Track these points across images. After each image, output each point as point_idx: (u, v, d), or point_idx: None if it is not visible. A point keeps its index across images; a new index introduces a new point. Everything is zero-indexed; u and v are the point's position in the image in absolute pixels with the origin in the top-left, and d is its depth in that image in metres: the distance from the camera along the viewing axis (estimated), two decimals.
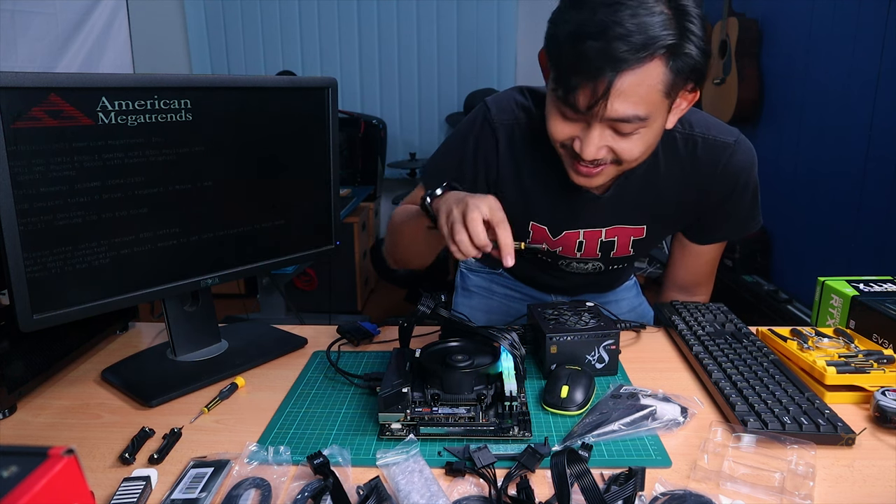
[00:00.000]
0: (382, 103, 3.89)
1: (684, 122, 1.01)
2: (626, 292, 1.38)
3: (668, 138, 1.00)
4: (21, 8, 1.99)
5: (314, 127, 1.04)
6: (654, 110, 0.84)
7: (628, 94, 0.81)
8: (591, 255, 1.14)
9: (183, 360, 0.99)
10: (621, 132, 0.86)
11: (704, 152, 1.02)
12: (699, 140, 1.01)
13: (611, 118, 0.84)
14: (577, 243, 1.12)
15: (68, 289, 0.82)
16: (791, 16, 2.63)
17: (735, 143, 1.02)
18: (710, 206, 1.07)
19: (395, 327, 1.00)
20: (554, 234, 1.11)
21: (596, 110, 0.83)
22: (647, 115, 0.84)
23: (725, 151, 1.02)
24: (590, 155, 0.88)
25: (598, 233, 1.10)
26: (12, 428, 0.84)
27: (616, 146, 0.88)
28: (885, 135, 2.08)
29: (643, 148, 0.89)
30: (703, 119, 1.03)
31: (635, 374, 0.96)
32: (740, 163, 1.03)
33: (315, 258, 1.13)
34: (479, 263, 1.39)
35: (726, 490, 0.68)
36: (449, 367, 0.83)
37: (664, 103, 0.85)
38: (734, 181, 1.04)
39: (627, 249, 1.13)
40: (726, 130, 1.03)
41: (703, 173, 1.03)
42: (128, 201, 0.85)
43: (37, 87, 0.74)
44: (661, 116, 0.88)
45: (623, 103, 0.82)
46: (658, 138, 0.92)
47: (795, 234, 2.65)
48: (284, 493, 0.69)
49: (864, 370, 0.87)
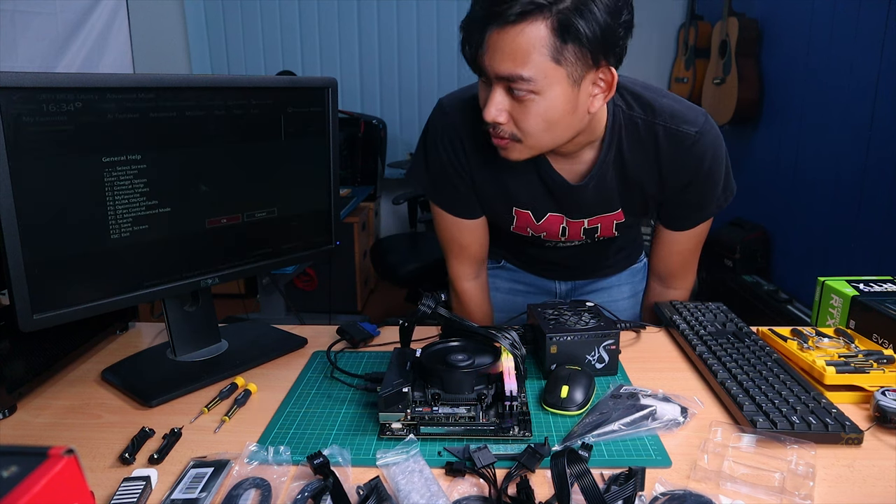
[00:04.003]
0: (382, 103, 3.89)
1: (647, 109, 1.00)
2: (632, 276, 1.37)
3: (629, 124, 1.00)
4: (21, 8, 1.99)
5: (314, 127, 1.04)
6: (540, 74, 0.85)
7: (505, 51, 0.84)
8: (575, 238, 1.16)
9: (183, 360, 0.99)
10: (515, 96, 0.88)
11: (666, 142, 1.01)
12: (660, 129, 1.00)
13: (497, 75, 0.87)
14: (561, 228, 1.13)
15: (68, 289, 0.82)
16: (791, 16, 2.63)
17: (697, 133, 1.00)
18: (674, 192, 1.07)
19: (395, 327, 1.00)
20: (538, 218, 1.12)
21: (480, 64, 0.88)
22: (531, 77, 0.85)
23: (686, 142, 1.00)
24: (489, 116, 0.91)
25: (580, 223, 1.12)
26: (12, 428, 0.84)
27: (514, 113, 0.90)
28: (885, 135, 2.08)
29: (540, 120, 0.90)
30: (667, 106, 1.00)
31: (635, 374, 0.96)
32: (703, 153, 1.02)
33: (315, 258, 1.13)
34: None
35: (726, 490, 0.68)
36: (449, 366, 0.83)
37: (556, 71, 0.85)
38: (697, 169, 1.03)
39: (611, 232, 1.15)
40: (690, 119, 1.01)
41: (665, 162, 1.02)
42: (128, 201, 0.85)
43: (37, 87, 0.74)
44: (557, 85, 0.87)
45: (501, 59, 0.85)
46: (567, 117, 0.91)
47: (795, 234, 2.65)
48: (284, 493, 0.69)
49: (863, 370, 0.87)
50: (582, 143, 1.01)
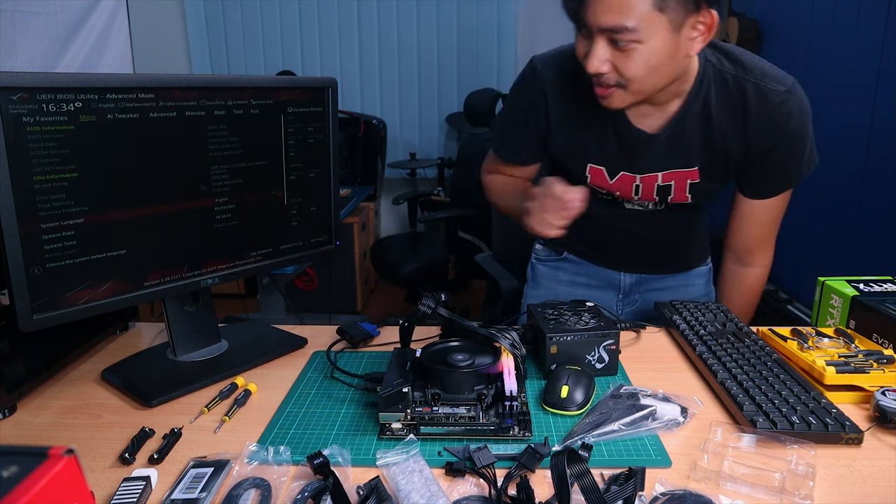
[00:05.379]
0: (382, 103, 3.89)
1: (737, 65, 1.02)
2: (698, 278, 1.34)
3: (718, 78, 1.02)
4: (21, 8, 1.99)
5: (314, 127, 1.04)
6: (643, 23, 0.87)
7: (610, 3, 0.88)
8: (648, 198, 1.15)
9: (183, 360, 0.99)
10: (618, 47, 0.91)
11: (755, 99, 1.01)
12: (750, 85, 1.01)
13: (599, 27, 0.90)
14: (634, 187, 1.13)
15: (68, 289, 0.82)
16: (791, 16, 2.63)
17: (786, 92, 1.01)
18: (759, 155, 1.06)
19: (395, 327, 1.00)
20: (611, 176, 1.13)
21: (584, 17, 0.91)
22: (634, 27, 0.88)
23: (775, 100, 1.01)
24: (592, 67, 0.93)
25: (654, 177, 1.11)
26: (12, 428, 0.84)
27: (616, 62, 0.93)
28: (885, 135, 2.08)
29: (643, 67, 0.92)
30: (758, 65, 1.03)
31: (635, 374, 0.96)
32: (790, 113, 1.02)
33: (315, 258, 1.13)
34: (545, 250, 1.39)
35: (726, 490, 0.68)
36: (449, 366, 0.83)
37: (658, 19, 0.88)
38: (783, 130, 1.03)
39: (685, 195, 1.13)
40: (780, 78, 1.02)
41: (752, 119, 1.03)
42: (128, 201, 0.85)
43: (37, 87, 0.74)
44: (659, 33, 0.89)
45: (606, 11, 0.88)
46: (668, 61, 0.93)
47: (795, 234, 2.65)
48: (284, 493, 0.69)
49: (863, 370, 0.87)
50: (672, 92, 1.02)
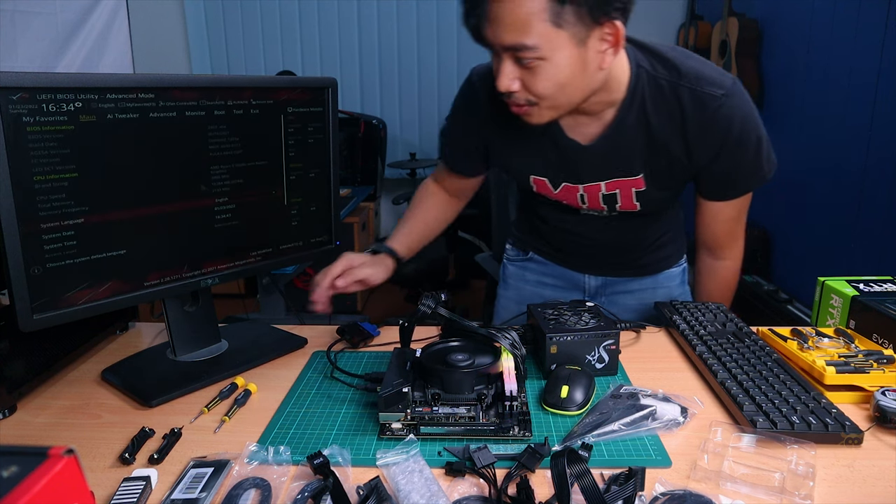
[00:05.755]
0: (382, 103, 3.89)
1: (671, 70, 0.98)
2: (669, 280, 1.31)
3: (654, 85, 0.99)
4: (21, 8, 1.99)
5: (314, 127, 1.04)
6: (543, 41, 0.86)
7: (506, 21, 0.86)
8: (595, 207, 1.14)
9: (183, 360, 0.99)
10: (524, 64, 0.89)
11: (691, 104, 0.98)
12: (686, 91, 0.97)
13: (501, 45, 0.88)
14: (579, 196, 1.12)
15: (68, 289, 0.82)
16: (791, 16, 2.63)
17: (724, 96, 0.97)
18: (706, 161, 1.03)
19: (395, 327, 1.00)
20: (555, 187, 1.12)
21: (485, 36, 0.89)
22: (534, 45, 0.86)
23: (712, 105, 0.97)
24: (502, 86, 0.92)
25: (597, 187, 1.10)
26: (12, 428, 0.84)
27: (525, 80, 0.92)
28: (885, 135, 2.08)
29: (551, 84, 0.90)
30: (693, 68, 0.98)
31: (635, 374, 0.96)
32: (729, 117, 0.98)
33: (315, 258, 1.13)
34: (514, 249, 1.40)
35: (726, 490, 0.68)
36: (449, 366, 0.83)
37: (558, 35, 0.86)
38: (725, 135, 0.99)
39: (632, 203, 1.11)
40: (717, 81, 0.97)
41: (692, 126, 0.99)
42: (128, 201, 0.85)
43: (37, 87, 0.74)
44: (563, 49, 0.87)
45: (503, 30, 0.86)
46: (579, 76, 0.91)
47: (795, 234, 2.65)
48: (284, 493, 0.69)
49: (863, 370, 0.87)
50: (603, 102, 1.00)
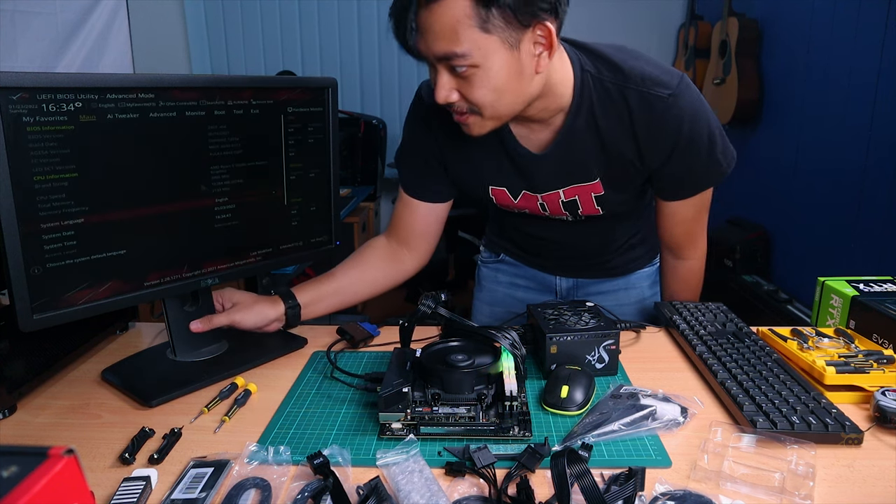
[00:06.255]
0: (382, 103, 3.89)
1: (616, 72, 0.96)
2: (640, 280, 1.31)
3: (599, 89, 0.97)
4: (21, 8, 1.99)
5: (314, 127, 1.04)
6: (473, 47, 0.84)
7: (434, 31, 0.84)
8: (557, 213, 1.12)
9: (183, 360, 0.99)
10: (458, 73, 0.88)
11: (638, 106, 0.95)
12: (632, 92, 0.95)
13: (434, 56, 0.87)
14: (539, 205, 1.11)
15: (68, 289, 0.82)
16: (791, 16, 2.63)
17: (671, 96, 0.94)
18: (658, 163, 1.01)
19: (395, 327, 1.00)
20: (514, 196, 1.11)
21: (417, 48, 0.88)
22: (465, 52, 0.85)
23: (659, 105, 0.95)
24: (440, 98, 0.91)
25: (556, 194, 1.08)
26: (12, 428, 0.84)
27: (462, 89, 0.90)
28: (885, 135, 2.08)
29: (488, 91, 0.89)
30: (638, 68, 0.96)
31: (635, 374, 0.96)
32: (679, 117, 0.95)
33: (316, 258, 1.13)
34: (486, 251, 1.40)
35: (726, 490, 0.68)
36: (449, 366, 0.83)
37: (488, 40, 0.84)
38: (675, 135, 0.97)
39: (594, 208, 1.09)
40: (663, 81, 0.95)
41: (641, 128, 0.97)
42: (128, 201, 0.85)
43: (37, 87, 0.74)
44: (496, 54, 0.86)
45: (433, 40, 0.85)
46: (515, 81, 0.89)
47: (795, 234, 2.65)
48: (284, 493, 0.69)
49: (863, 370, 0.87)
50: (550, 109, 0.98)
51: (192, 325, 0.98)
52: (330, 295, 1.12)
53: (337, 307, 1.13)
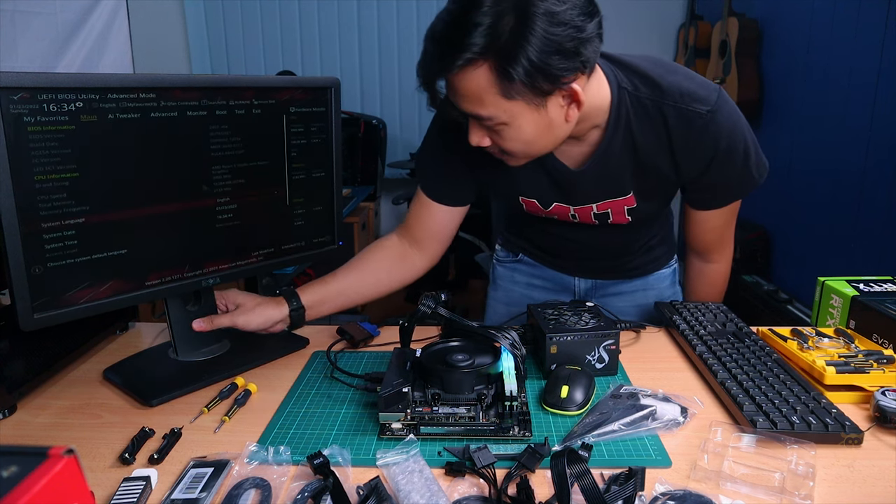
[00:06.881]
0: (382, 103, 3.89)
1: (654, 88, 0.95)
2: (659, 281, 1.30)
3: (637, 105, 0.96)
4: (21, 8, 1.99)
5: (317, 127, 1.04)
6: (499, 111, 0.85)
7: (460, 94, 0.85)
8: (587, 221, 1.12)
9: (184, 360, 0.99)
10: (489, 127, 0.89)
11: (677, 122, 0.95)
12: (670, 109, 0.95)
13: (463, 113, 0.89)
14: (570, 215, 1.11)
15: (69, 288, 0.82)
16: (791, 16, 2.63)
17: (708, 112, 0.94)
18: (694, 175, 1.02)
19: (395, 327, 1.00)
20: (545, 206, 1.11)
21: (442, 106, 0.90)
22: (490, 116, 0.85)
23: (698, 122, 0.95)
24: (472, 142, 0.93)
25: (588, 208, 1.09)
26: (12, 428, 0.84)
27: (494, 139, 0.92)
28: (885, 135, 2.08)
29: (519, 143, 0.90)
30: (675, 84, 0.95)
31: (635, 374, 0.96)
32: (716, 133, 0.96)
33: (317, 258, 1.13)
34: (503, 251, 1.39)
35: (726, 490, 0.68)
36: (449, 366, 0.83)
37: (513, 104, 0.84)
38: (713, 150, 0.97)
39: (624, 217, 1.10)
40: (701, 97, 0.94)
41: (678, 143, 0.97)
42: (129, 201, 0.85)
43: (37, 87, 0.74)
44: (522, 115, 0.86)
45: (460, 101, 0.86)
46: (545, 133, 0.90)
47: (795, 234, 2.65)
48: (284, 493, 0.69)
49: (863, 370, 0.87)
50: (587, 128, 0.98)
51: (194, 323, 0.98)
52: (335, 296, 1.10)
53: (342, 307, 1.12)
